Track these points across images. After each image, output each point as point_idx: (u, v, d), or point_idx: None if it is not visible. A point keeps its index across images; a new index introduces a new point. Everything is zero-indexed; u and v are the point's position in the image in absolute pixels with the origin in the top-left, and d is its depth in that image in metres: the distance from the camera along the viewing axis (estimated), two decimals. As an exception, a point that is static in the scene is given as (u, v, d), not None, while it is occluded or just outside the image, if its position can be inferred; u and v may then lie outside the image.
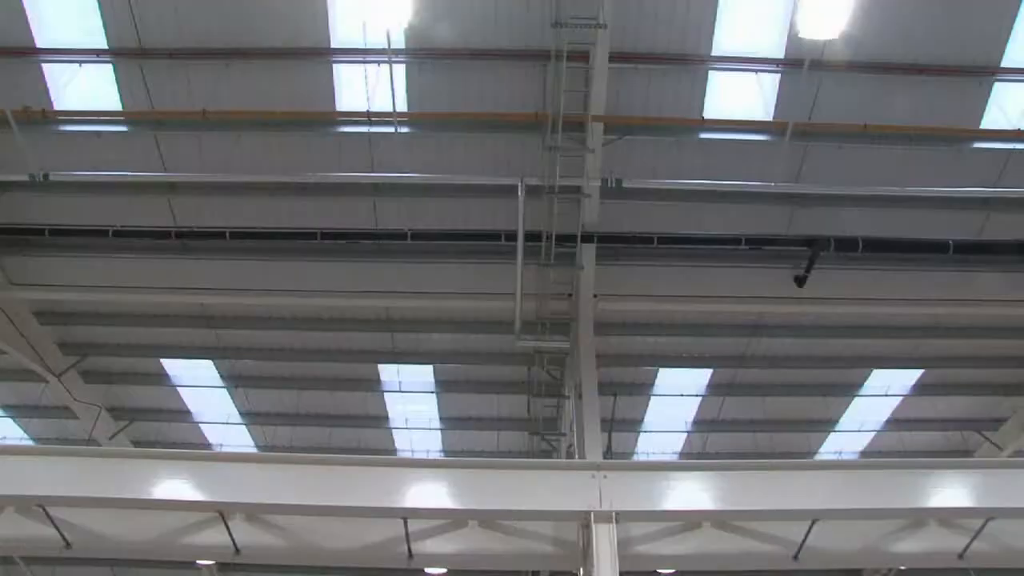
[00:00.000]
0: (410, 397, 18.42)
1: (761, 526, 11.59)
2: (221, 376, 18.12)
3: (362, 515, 11.14)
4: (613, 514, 10.64)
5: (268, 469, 11.47)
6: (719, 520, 11.46)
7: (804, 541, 11.35)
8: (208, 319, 16.74)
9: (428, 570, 18.12)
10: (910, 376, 18.23)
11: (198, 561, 18.62)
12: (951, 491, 11.48)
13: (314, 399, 18.59)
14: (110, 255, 15.23)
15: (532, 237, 14.02)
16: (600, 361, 15.13)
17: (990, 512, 11.33)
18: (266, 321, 16.76)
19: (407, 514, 10.93)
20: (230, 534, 11.07)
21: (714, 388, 18.11)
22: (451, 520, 11.42)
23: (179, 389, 18.57)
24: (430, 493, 11.08)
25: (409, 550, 11.20)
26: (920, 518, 11.71)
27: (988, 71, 13.28)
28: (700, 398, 18.33)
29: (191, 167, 14.27)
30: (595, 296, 15.16)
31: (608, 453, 15.99)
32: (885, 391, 18.54)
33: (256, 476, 11.26)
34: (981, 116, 13.81)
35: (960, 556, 11.57)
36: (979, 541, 11.45)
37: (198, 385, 18.41)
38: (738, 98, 13.67)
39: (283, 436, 19.37)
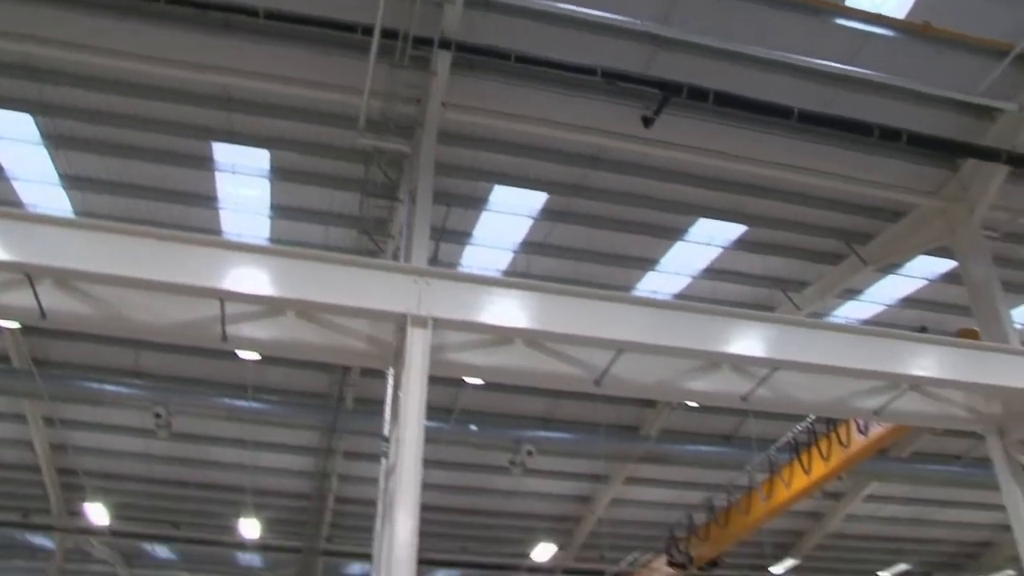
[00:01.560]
0: (242, 180, 17.86)
1: (570, 349, 12.19)
2: (41, 134, 16.99)
3: (177, 292, 10.99)
4: (430, 320, 10.94)
5: (83, 235, 11.05)
6: (530, 338, 11.97)
7: (608, 369, 12.02)
8: (31, 71, 15.47)
9: (241, 353, 18.30)
10: (734, 230, 19.02)
11: (0, 322, 18.08)
12: (746, 340, 12.40)
13: (140, 170, 17.73)
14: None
15: (389, 35, 13.52)
16: (438, 170, 15.06)
17: (776, 363, 12.42)
18: (97, 82, 15.62)
19: (223, 295, 10.87)
20: (36, 298, 10.73)
21: (546, 213, 18.35)
22: (268, 307, 11.43)
23: (-8, 141, 17.37)
24: (249, 277, 10.98)
25: (224, 332, 11.20)
26: (715, 361, 12.63)
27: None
28: (532, 220, 18.59)
29: None
30: (443, 104, 14.92)
31: (433, 261, 16.21)
32: (708, 241, 19.34)
33: (69, 241, 10.84)
34: (848, -8, 14.10)
35: (744, 399, 12.71)
36: (763, 388, 12.59)
37: (15, 139, 17.26)
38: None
39: (104, 204, 18.49)
